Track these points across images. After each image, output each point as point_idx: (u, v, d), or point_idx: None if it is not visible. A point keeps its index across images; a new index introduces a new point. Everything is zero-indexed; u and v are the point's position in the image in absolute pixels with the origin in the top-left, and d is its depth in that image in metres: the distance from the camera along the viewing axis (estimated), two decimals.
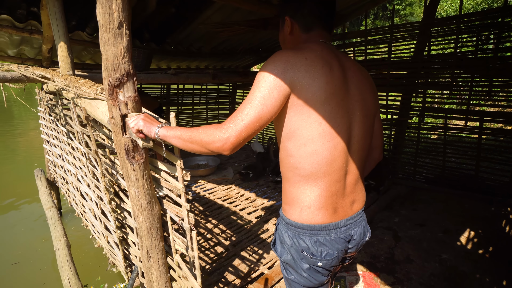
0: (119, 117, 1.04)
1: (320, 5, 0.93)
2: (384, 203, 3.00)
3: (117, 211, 1.78)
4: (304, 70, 0.81)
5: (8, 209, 3.96)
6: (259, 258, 2.17)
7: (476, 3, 6.32)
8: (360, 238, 0.99)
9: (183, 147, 0.90)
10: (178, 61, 4.12)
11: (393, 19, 3.20)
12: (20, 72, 1.97)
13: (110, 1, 0.90)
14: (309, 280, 0.96)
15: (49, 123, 3.06)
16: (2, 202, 4.12)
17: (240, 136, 0.79)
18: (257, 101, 0.79)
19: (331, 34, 1.00)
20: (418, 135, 3.36)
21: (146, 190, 1.19)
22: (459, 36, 2.74)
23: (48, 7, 1.87)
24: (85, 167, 2.07)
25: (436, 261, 2.11)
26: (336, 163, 0.87)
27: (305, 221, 0.90)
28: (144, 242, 1.29)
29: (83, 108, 1.48)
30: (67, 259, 2.29)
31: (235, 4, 2.43)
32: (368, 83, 0.98)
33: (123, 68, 0.99)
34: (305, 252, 0.92)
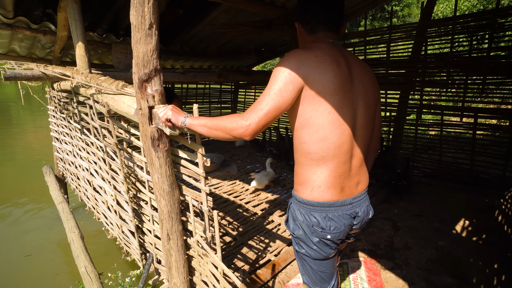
0: (147, 109, 1.16)
1: (323, 10, 1.03)
2: (383, 196, 3.13)
3: (133, 200, 1.90)
4: (315, 66, 0.92)
5: (18, 206, 4.06)
6: (266, 247, 2.29)
7: (472, 5, 6.47)
8: (364, 215, 1.11)
9: (208, 134, 1.02)
10: (182, 61, 4.24)
11: (391, 20, 3.33)
12: (40, 70, 2.08)
13: (143, 4, 1.02)
14: (318, 253, 1.08)
15: (60, 120, 3.17)
16: (11, 200, 4.22)
17: (260, 123, 0.91)
18: (274, 93, 0.91)
19: (340, 34, 1.10)
20: (416, 132, 3.49)
21: (168, 176, 1.31)
22: (455, 36, 2.88)
23: (67, 9, 1.98)
24: (101, 161, 2.19)
25: (433, 247, 2.24)
26: (343, 147, 0.99)
27: (315, 199, 1.02)
28: (165, 225, 1.41)
29: (105, 103, 1.59)
30: (82, 249, 2.40)
31: (240, 6, 2.55)
32: (370, 77, 1.09)
33: (151, 64, 1.11)
34: (315, 227, 1.04)
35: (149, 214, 1.79)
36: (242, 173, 3.96)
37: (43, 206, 4.01)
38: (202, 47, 3.77)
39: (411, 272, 2.01)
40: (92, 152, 2.35)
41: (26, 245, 3.09)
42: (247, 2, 2.53)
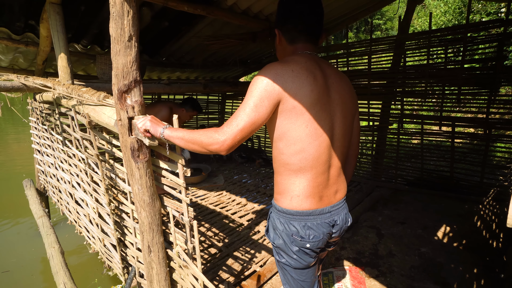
0: (126, 119, 1.16)
1: (303, 20, 1.04)
2: (369, 205, 3.17)
3: (115, 212, 1.87)
4: (291, 81, 0.93)
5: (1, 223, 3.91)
6: (251, 257, 2.27)
7: (447, 20, 6.80)
8: (343, 223, 1.13)
9: (185, 147, 1.02)
10: (169, 72, 4.26)
11: (371, 34, 3.46)
12: (20, 81, 2.05)
13: (122, 17, 1.04)
14: (298, 262, 1.08)
15: (42, 132, 3.11)
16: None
17: (236, 139, 0.92)
18: (250, 108, 0.91)
19: (317, 45, 1.12)
20: (398, 141, 3.59)
21: (149, 187, 1.30)
22: (431, 49, 3.01)
23: (50, 20, 1.98)
24: (83, 173, 2.15)
25: (416, 254, 2.28)
26: (321, 158, 1.01)
27: (294, 208, 1.03)
28: (146, 237, 1.39)
29: (86, 114, 1.58)
30: (61, 264, 2.32)
31: (225, 19, 2.60)
32: (347, 87, 1.11)
33: (131, 75, 1.12)
34: (295, 236, 1.04)
35: (131, 226, 1.75)
36: (229, 184, 3.95)
37: (24, 220, 3.88)
38: (189, 58, 3.80)
39: (395, 280, 2.03)
40: (74, 164, 2.31)
41: (4, 261, 2.97)
42: (231, 15, 2.59)
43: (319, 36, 1.09)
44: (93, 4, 2.41)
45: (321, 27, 1.08)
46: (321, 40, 1.11)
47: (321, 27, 1.08)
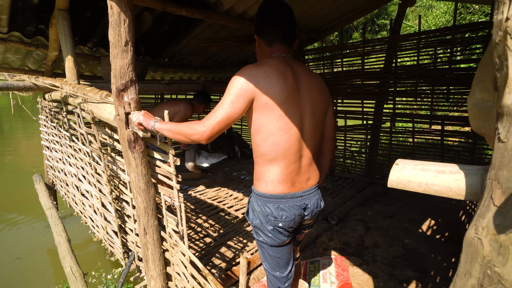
0: (124, 114, 1.32)
1: (279, 25, 1.19)
2: (360, 200, 3.29)
3: (116, 201, 2.03)
4: (263, 81, 1.06)
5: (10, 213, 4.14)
6: (243, 246, 2.42)
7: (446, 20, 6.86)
8: (314, 207, 1.27)
9: (172, 137, 1.18)
10: (171, 73, 4.43)
11: (364, 35, 3.57)
12: (31, 81, 2.24)
13: (119, 25, 1.20)
14: (273, 240, 1.23)
15: (50, 129, 3.31)
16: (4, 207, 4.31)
17: (214, 130, 1.07)
18: (227, 104, 1.05)
19: (292, 48, 1.27)
20: (390, 139, 3.70)
21: (144, 175, 1.46)
22: (420, 50, 3.12)
23: (58, 25, 2.16)
24: (88, 166, 2.33)
25: (400, 245, 2.40)
26: (291, 149, 1.15)
27: (269, 192, 1.18)
28: (142, 220, 1.55)
29: (90, 111, 1.75)
30: (68, 251, 2.50)
31: (222, 22, 2.75)
32: (317, 87, 1.24)
33: (127, 76, 1.28)
34: (269, 216, 1.19)
35: (131, 214, 1.92)
36: (227, 180, 4.11)
37: (36, 213, 4.10)
38: (189, 59, 3.97)
39: (377, 268, 2.16)
40: (80, 158, 2.49)
41: (17, 249, 3.19)
42: (228, 19, 2.74)
43: (293, 40, 1.23)
44: (98, 10, 2.59)
45: (294, 32, 1.22)
46: (295, 44, 1.26)
47: (294, 32, 1.23)
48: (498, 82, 0.35)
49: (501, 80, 0.34)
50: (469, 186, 0.46)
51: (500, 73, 0.34)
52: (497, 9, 0.33)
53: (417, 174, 0.52)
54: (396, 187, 0.56)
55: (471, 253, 0.41)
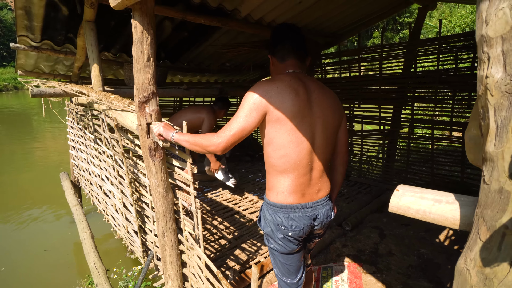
0: (145, 125, 1.41)
1: (290, 42, 1.25)
2: (376, 206, 3.27)
3: (137, 203, 2.14)
4: (276, 96, 1.12)
5: (40, 209, 4.42)
6: (257, 249, 2.47)
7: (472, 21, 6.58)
8: (324, 218, 1.30)
9: (189, 148, 1.25)
10: (190, 76, 4.56)
11: (382, 39, 3.52)
12: (61, 88, 2.39)
13: (142, 43, 1.28)
14: (283, 247, 1.27)
15: (76, 131, 3.50)
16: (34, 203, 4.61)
17: (229, 142, 1.13)
18: (241, 118, 1.11)
19: (305, 64, 1.32)
20: (409, 145, 3.63)
21: (163, 180, 1.54)
22: (440, 55, 3.05)
23: (85, 35, 2.30)
24: (110, 168, 2.46)
25: (415, 254, 2.37)
26: (302, 162, 1.19)
27: (280, 202, 1.22)
28: (160, 223, 1.64)
29: (114, 118, 1.86)
30: (92, 247, 2.65)
31: (239, 29, 2.82)
32: (330, 102, 1.27)
33: (149, 89, 1.36)
34: (280, 225, 1.23)
35: (150, 215, 2.02)
36: (243, 182, 4.17)
37: (62, 208, 4.35)
38: (207, 64, 4.07)
39: (391, 276, 2.15)
40: (104, 160, 2.63)
41: (46, 241, 3.45)
42: (245, 26, 2.80)
43: (305, 57, 1.29)
44: (121, 20, 2.72)
45: (305, 50, 1.29)
46: (307, 61, 1.32)
47: (304, 47, 1.29)
48: (483, 130, 0.38)
49: (484, 128, 0.37)
50: (463, 216, 0.48)
51: (484, 122, 0.37)
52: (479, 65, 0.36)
53: (416, 201, 0.55)
54: (396, 212, 0.59)
55: (461, 281, 0.44)
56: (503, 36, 0.34)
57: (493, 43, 0.34)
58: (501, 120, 0.34)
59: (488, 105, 0.35)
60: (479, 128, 0.45)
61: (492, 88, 0.34)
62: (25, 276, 2.93)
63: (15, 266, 3.09)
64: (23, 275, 2.94)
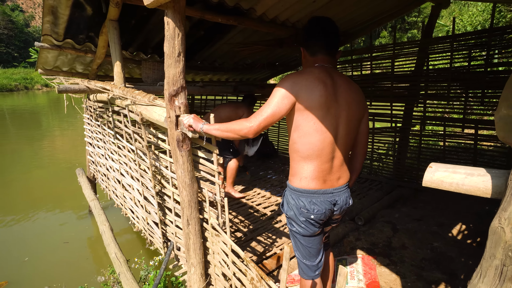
0: (174, 117, 1.49)
1: (322, 37, 1.32)
2: (387, 202, 3.30)
3: (159, 195, 2.23)
4: (305, 87, 1.21)
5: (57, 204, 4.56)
6: (272, 242, 2.54)
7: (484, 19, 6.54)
8: (343, 203, 1.37)
9: (220, 135, 1.32)
10: (202, 74, 4.64)
11: (395, 37, 3.56)
12: (85, 84, 2.49)
13: (174, 39, 1.36)
14: (305, 230, 1.35)
15: (94, 127, 3.60)
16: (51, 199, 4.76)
17: (260, 125, 1.22)
18: (273, 104, 1.21)
19: (335, 59, 1.38)
20: (420, 142, 3.66)
21: (189, 171, 1.62)
22: (454, 53, 3.08)
23: (109, 34, 2.39)
24: (131, 162, 2.55)
25: (428, 248, 2.41)
26: (324, 150, 1.27)
27: (303, 187, 1.30)
28: (185, 212, 1.71)
29: (139, 112, 1.94)
30: (112, 238, 2.74)
31: (254, 28, 2.88)
32: (355, 95, 1.34)
33: (179, 83, 1.44)
34: (302, 209, 1.31)
35: (172, 207, 2.10)
36: (255, 179, 4.24)
37: (76, 205, 4.48)
38: (220, 62, 4.15)
39: (405, 268, 2.20)
40: (124, 155, 2.72)
41: (64, 234, 3.58)
42: (260, 24, 2.86)
43: (335, 51, 1.36)
44: (141, 19, 2.81)
45: (336, 44, 1.35)
46: (337, 55, 1.39)
47: (337, 44, 1.35)
48: None
49: None
50: (494, 186, 0.54)
51: None
52: None
53: (449, 175, 0.61)
54: (430, 186, 0.65)
55: (495, 239, 0.49)
56: None
57: None
58: None
59: None
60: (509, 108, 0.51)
61: None
62: (47, 266, 3.05)
63: (36, 256, 3.21)
64: (46, 265, 3.06)
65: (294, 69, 5.32)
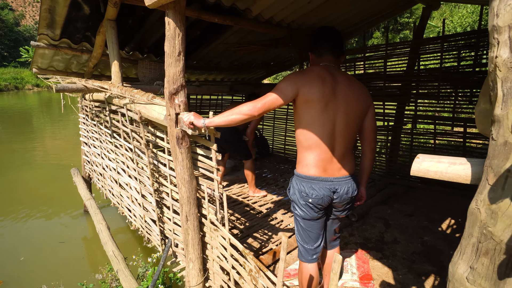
0: (174, 115, 1.53)
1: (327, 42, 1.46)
2: (380, 199, 3.38)
3: (156, 193, 2.26)
4: (307, 83, 1.34)
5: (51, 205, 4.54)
6: (268, 238, 2.59)
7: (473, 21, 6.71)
8: (343, 193, 1.45)
9: (226, 121, 1.35)
10: (198, 74, 4.67)
11: (387, 38, 3.65)
12: (82, 83, 2.50)
13: (174, 38, 1.40)
14: (305, 213, 1.46)
15: (90, 127, 3.61)
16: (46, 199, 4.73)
17: (265, 105, 1.31)
18: (278, 90, 1.33)
19: (339, 58, 1.50)
20: (412, 140, 3.76)
21: (188, 168, 1.66)
22: (444, 54, 3.17)
23: (106, 33, 2.42)
24: (129, 160, 2.57)
25: (419, 242, 2.49)
26: (324, 140, 1.38)
27: (304, 173, 1.42)
28: (184, 208, 1.75)
29: (138, 111, 1.98)
30: (109, 237, 2.76)
31: (250, 28, 2.93)
32: (355, 92, 1.43)
33: (179, 81, 1.48)
34: (302, 193, 1.43)
35: (170, 204, 2.14)
36: None
37: (70, 205, 4.46)
38: (216, 62, 4.19)
39: (396, 262, 2.27)
40: (121, 153, 2.74)
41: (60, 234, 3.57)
42: (256, 24, 2.92)
43: (339, 52, 1.49)
44: (138, 18, 2.84)
45: (340, 46, 1.49)
46: (342, 58, 1.51)
47: (340, 46, 1.49)
48: (492, 99, 0.49)
49: (493, 97, 0.48)
50: (473, 173, 0.60)
51: (493, 92, 0.48)
52: (490, 49, 0.48)
53: (434, 165, 0.67)
54: (417, 175, 0.71)
55: (472, 219, 0.55)
56: (509, 25, 0.45)
57: (502, 31, 0.46)
58: (507, 89, 0.45)
59: (496, 79, 0.47)
60: (488, 102, 0.57)
61: (500, 65, 0.46)
62: (43, 266, 3.05)
63: (32, 256, 3.21)
64: (42, 265, 3.06)
65: (288, 69, 5.39)
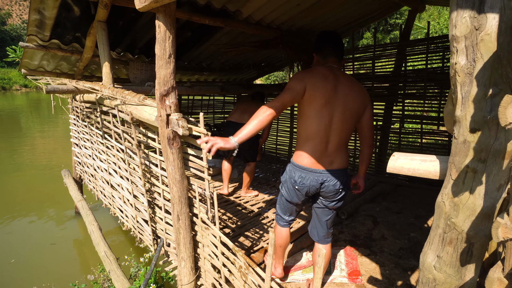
0: (165, 116, 1.56)
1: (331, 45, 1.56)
2: (369, 197, 3.46)
3: (148, 193, 2.28)
4: (312, 80, 1.46)
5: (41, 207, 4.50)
6: (259, 237, 2.63)
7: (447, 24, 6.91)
8: (330, 185, 1.55)
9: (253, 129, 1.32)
10: (189, 75, 4.68)
11: (375, 39, 3.74)
12: (73, 85, 2.50)
13: (165, 41, 1.43)
14: (289, 195, 1.65)
15: (81, 128, 3.59)
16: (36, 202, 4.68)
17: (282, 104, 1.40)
18: (289, 89, 1.44)
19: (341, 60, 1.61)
20: (399, 139, 3.85)
21: (179, 168, 1.69)
22: (429, 55, 3.27)
23: (97, 35, 2.42)
24: (120, 161, 2.58)
25: (406, 238, 2.57)
26: (320, 133, 1.49)
27: (298, 162, 1.57)
28: (176, 208, 1.78)
29: (129, 112, 2.00)
30: (101, 237, 2.77)
31: (240, 29, 2.98)
32: (354, 92, 1.52)
33: (169, 83, 1.51)
34: (292, 178, 1.59)
35: (161, 204, 2.16)
36: (242, 177, 4.32)
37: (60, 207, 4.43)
38: (208, 63, 4.21)
39: (384, 258, 2.34)
40: (112, 154, 2.75)
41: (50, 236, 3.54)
42: (246, 26, 2.96)
43: (341, 56, 1.60)
44: (128, 20, 2.85)
45: (341, 49, 1.60)
46: (342, 61, 1.63)
47: (342, 49, 1.60)
48: (454, 101, 0.54)
49: (454, 100, 0.53)
50: (441, 169, 0.65)
51: (454, 95, 0.53)
52: (451, 56, 0.53)
53: (407, 162, 0.72)
54: (392, 172, 0.76)
55: (439, 212, 0.60)
56: (465, 36, 0.50)
57: (459, 40, 0.51)
58: (465, 92, 0.50)
59: (456, 83, 0.52)
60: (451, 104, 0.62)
61: (459, 71, 0.51)
62: (35, 268, 3.03)
63: (23, 258, 3.18)
64: (33, 267, 3.04)
65: (279, 69, 5.44)
